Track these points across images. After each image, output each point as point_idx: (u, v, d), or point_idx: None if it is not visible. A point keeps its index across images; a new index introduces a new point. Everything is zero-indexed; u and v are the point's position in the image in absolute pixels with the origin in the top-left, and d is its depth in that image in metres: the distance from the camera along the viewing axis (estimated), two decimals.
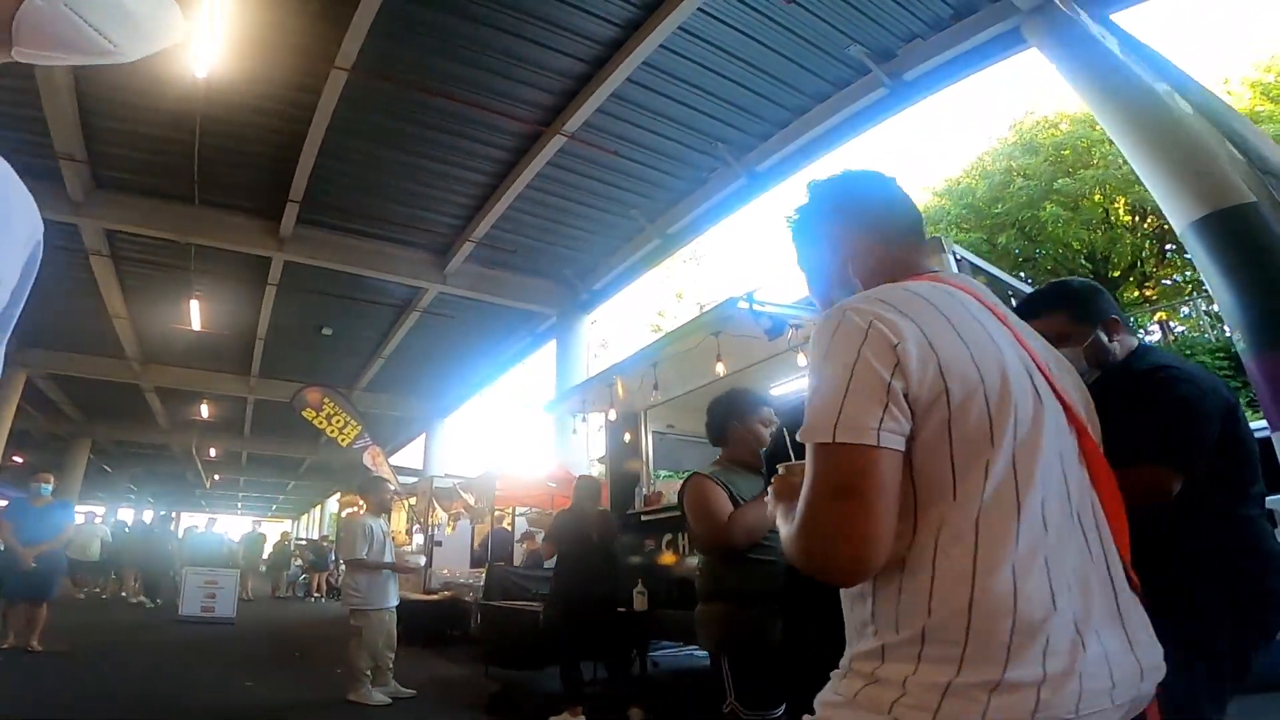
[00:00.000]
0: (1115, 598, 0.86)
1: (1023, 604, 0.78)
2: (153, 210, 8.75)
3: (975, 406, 0.83)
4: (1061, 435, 0.89)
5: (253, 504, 40.20)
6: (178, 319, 11.95)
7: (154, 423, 19.19)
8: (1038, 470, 0.84)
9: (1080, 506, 0.88)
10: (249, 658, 7.14)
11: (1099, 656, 0.79)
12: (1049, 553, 0.81)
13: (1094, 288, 1.89)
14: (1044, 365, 0.93)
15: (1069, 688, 0.76)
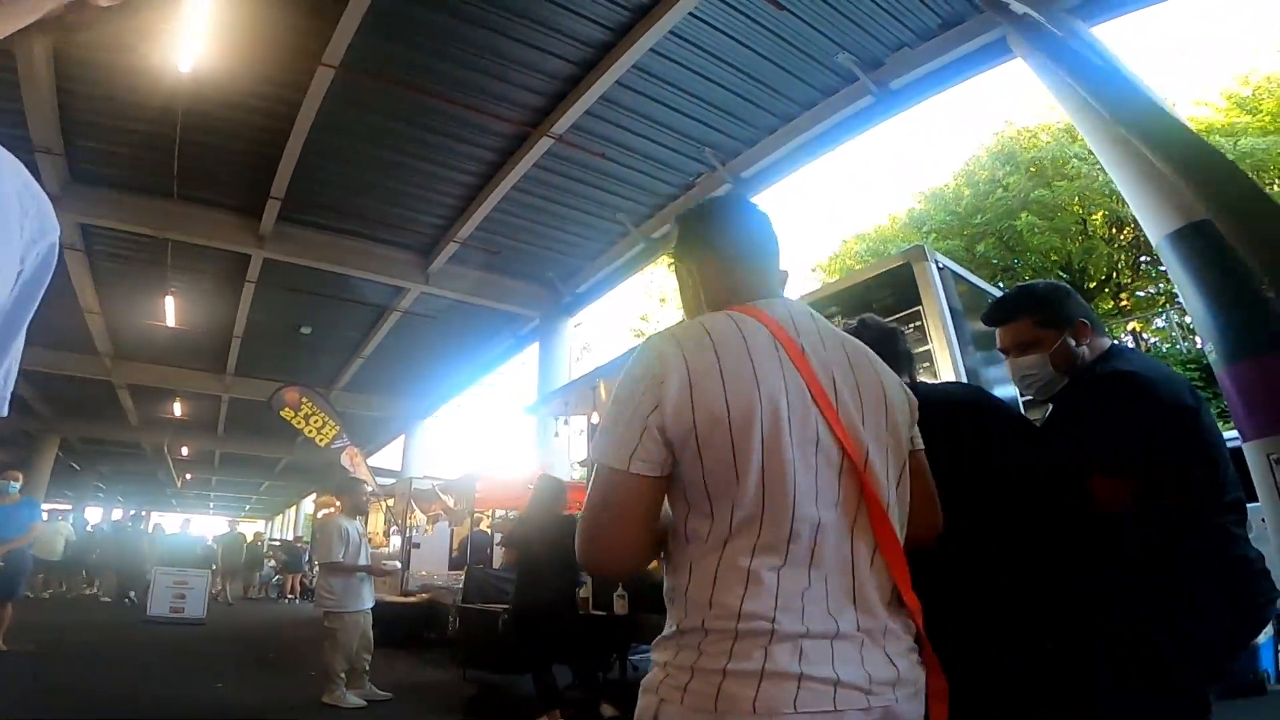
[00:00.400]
0: (866, 617, 0.94)
1: (747, 612, 0.90)
2: (130, 205, 8.59)
3: (720, 441, 0.95)
4: (825, 470, 0.97)
5: (225, 504, 39.55)
6: (152, 315, 11.74)
7: (125, 420, 18.81)
8: (786, 502, 0.94)
9: (840, 537, 0.96)
10: (219, 659, 7.03)
11: (828, 666, 0.88)
12: (787, 574, 0.92)
13: (1060, 289, 1.84)
14: (831, 401, 1.00)
15: (787, 686, 0.86)
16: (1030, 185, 15.35)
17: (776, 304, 1.11)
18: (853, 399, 1.02)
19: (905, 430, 1.09)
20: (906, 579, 0.98)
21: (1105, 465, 1.50)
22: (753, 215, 1.24)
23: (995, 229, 15.58)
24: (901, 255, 4.65)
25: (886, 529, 0.98)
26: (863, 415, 1.02)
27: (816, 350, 1.05)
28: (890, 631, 0.95)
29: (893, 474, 1.04)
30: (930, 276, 4.32)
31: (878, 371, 1.10)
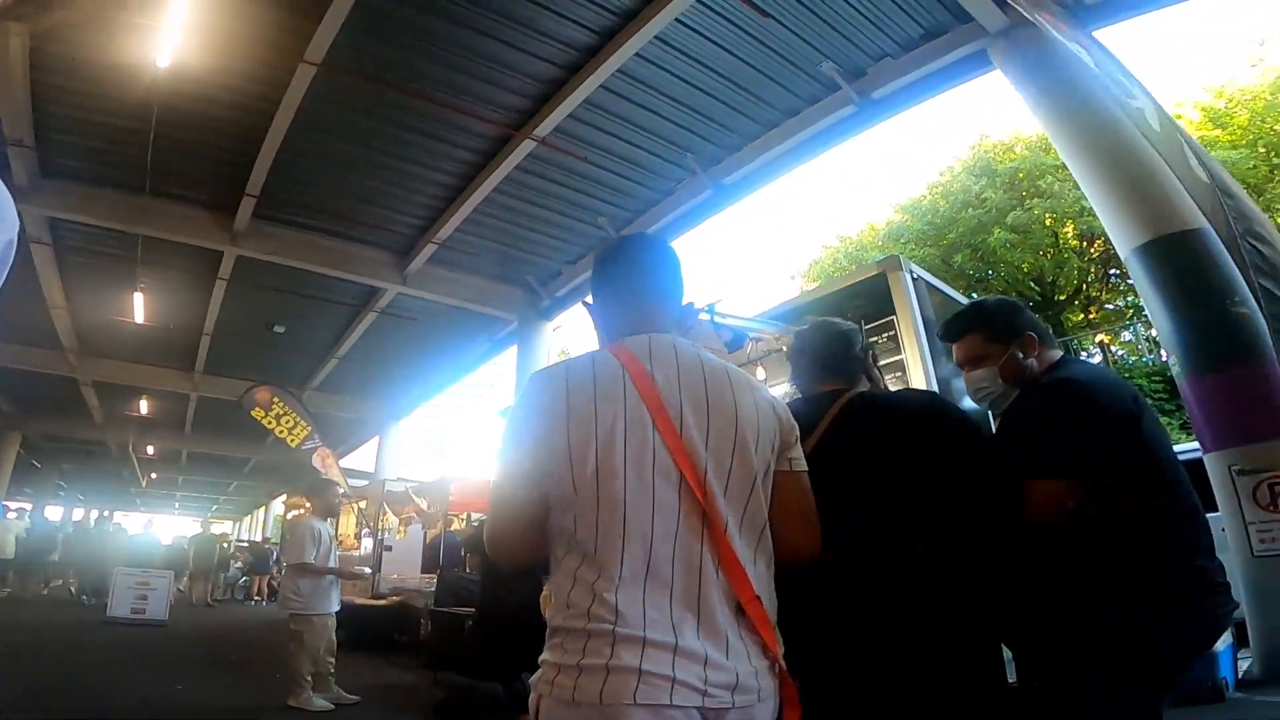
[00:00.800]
0: (707, 625, 1.03)
1: (594, 614, 1.03)
2: (101, 199, 8.39)
3: (562, 468, 1.09)
4: (664, 489, 1.08)
5: (191, 504, 38.72)
6: (120, 311, 11.48)
7: (89, 418, 18.36)
8: (618, 519, 1.06)
9: (681, 550, 1.06)
10: (181, 661, 6.88)
11: (667, 666, 0.99)
12: (626, 584, 1.04)
13: (1010, 305, 1.90)
14: (674, 425, 1.10)
15: (629, 680, 0.98)
16: (1005, 199, 15.61)
17: (643, 339, 1.22)
18: (698, 423, 1.12)
19: (766, 451, 1.17)
20: (748, 592, 1.06)
21: (1042, 468, 1.52)
22: (645, 257, 1.34)
23: (970, 241, 15.84)
24: (877, 265, 4.71)
25: (725, 545, 1.07)
26: (707, 439, 1.12)
27: (669, 379, 1.15)
28: (730, 640, 1.04)
29: (739, 493, 1.12)
30: (905, 286, 4.38)
31: (735, 397, 1.17)
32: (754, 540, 1.12)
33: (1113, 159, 5.00)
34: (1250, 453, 4.21)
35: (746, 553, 1.10)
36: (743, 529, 1.11)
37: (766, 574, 1.14)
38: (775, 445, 1.19)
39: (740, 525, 1.11)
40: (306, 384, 15.24)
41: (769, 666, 1.07)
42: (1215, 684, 3.76)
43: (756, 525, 1.14)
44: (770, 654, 1.07)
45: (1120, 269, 15.35)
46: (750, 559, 1.10)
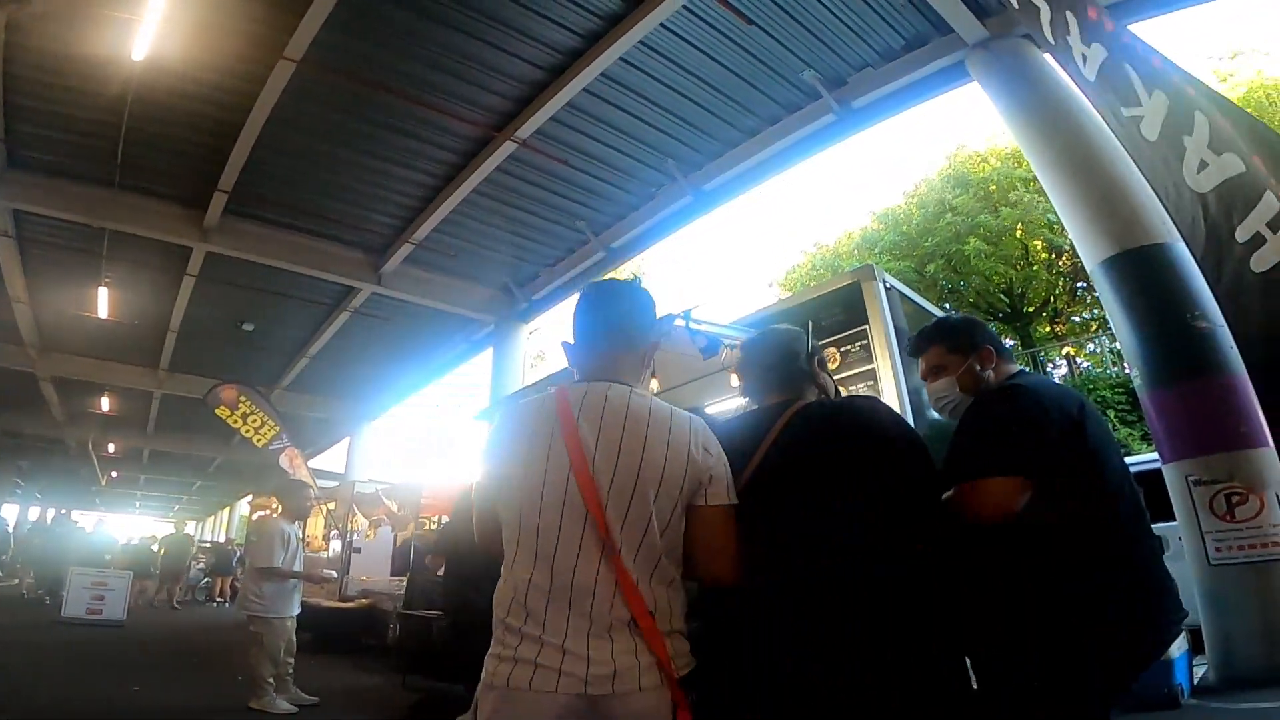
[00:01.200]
0: (599, 634, 1.25)
1: (511, 617, 1.30)
2: (67, 192, 8.18)
3: (504, 492, 1.39)
4: (570, 521, 1.30)
5: (153, 504, 37.75)
6: (84, 306, 11.17)
7: (48, 414, 17.84)
8: (532, 543, 1.31)
9: (582, 572, 1.27)
10: (139, 662, 6.72)
11: (556, 661, 1.23)
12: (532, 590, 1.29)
13: (971, 321, 2.02)
14: (587, 465, 1.31)
15: (526, 670, 1.24)
16: (979, 208, 15.88)
17: (581, 388, 1.43)
18: (606, 466, 1.32)
19: (673, 490, 1.33)
20: (640, 608, 1.26)
21: (987, 467, 1.55)
22: (600, 309, 1.55)
23: (944, 251, 16.09)
24: (851, 274, 4.76)
25: (621, 570, 1.27)
26: (612, 480, 1.31)
27: (592, 423, 1.36)
28: (617, 643, 1.25)
29: (636, 526, 1.30)
30: (878, 296, 4.43)
31: (646, 444, 1.34)
32: (650, 566, 1.31)
33: (1083, 172, 5.13)
34: (1207, 463, 4.34)
35: (643, 576, 1.29)
36: (638, 557, 1.30)
37: (666, 593, 1.32)
38: (683, 485, 1.34)
39: (636, 554, 1.30)
40: (276, 383, 14.97)
41: (657, 668, 1.25)
42: (1171, 691, 3.84)
43: (653, 554, 1.31)
44: (659, 659, 1.26)
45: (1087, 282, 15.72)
46: (647, 581, 1.29)
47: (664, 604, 1.31)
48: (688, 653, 1.34)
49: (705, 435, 1.41)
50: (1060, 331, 17.23)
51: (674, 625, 1.32)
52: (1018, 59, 5.66)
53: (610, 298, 1.56)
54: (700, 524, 1.37)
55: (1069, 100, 5.36)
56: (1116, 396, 11.92)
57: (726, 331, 5.08)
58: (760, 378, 1.80)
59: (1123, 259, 4.83)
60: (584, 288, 1.59)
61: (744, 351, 1.87)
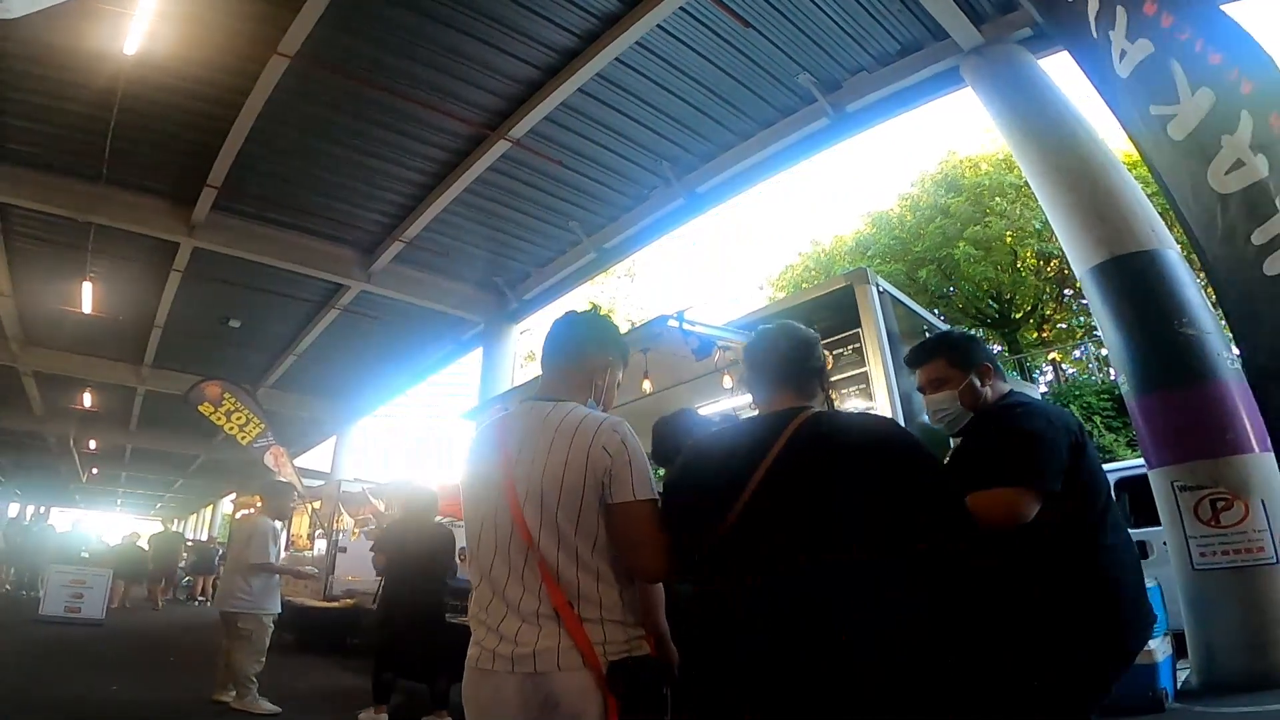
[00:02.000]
0: (528, 621, 1.42)
1: (475, 614, 1.53)
2: (53, 186, 8.08)
3: (464, 499, 1.65)
4: (504, 521, 1.50)
5: (135, 501, 37.30)
6: (67, 301, 11.01)
7: (28, 409, 17.57)
8: (479, 544, 1.55)
9: (512, 568, 1.47)
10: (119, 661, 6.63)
11: (493, 643, 1.44)
12: (485, 584, 1.51)
13: (970, 337, 2.10)
14: (510, 471, 1.51)
15: (481, 653, 1.46)
16: (970, 212, 15.98)
17: (523, 404, 1.65)
18: (523, 470, 1.50)
19: (574, 493, 1.46)
20: (559, 599, 1.41)
21: (1013, 479, 1.66)
22: (557, 334, 1.74)
23: (935, 256, 16.20)
24: (844, 277, 4.79)
25: (542, 565, 1.44)
26: (527, 483, 1.48)
27: (516, 436, 1.56)
28: (543, 629, 1.41)
29: (551, 525, 1.45)
30: (871, 300, 4.46)
31: (548, 453, 1.49)
32: (572, 560, 1.44)
33: (1075, 179, 5.17)
34: (1192, 469, 4.38)
35: (566, 569, 1.44)
36: (559, 551, 1.44)
37: (594, 584, 1.44)
38: (584, 485, 1.46)
39: (557, 549, 1.44)
40: (262, 381, 14.84)
41: (577, 650, 1.38)
42: (1155, 694, 3.87)
43: (571, 548, 1.45)
44: (576, 643, 1.39)
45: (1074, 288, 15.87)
46: (572, 573, 1.43)
47: (591, 593, 1.44)
48: (626, 640, 1.44)
49: (608, 436, 1.49)
50: (1047, 338, 17.38)
51: (607, 614, 1.43)
52: (1011, 65, 5.71)
53: (565, 326, 1.76)
54: (612, 521, 1.48)
55: (1062, 107, 5.42)
56: (1102, 403, 12.04)
57: (719, 333, 5.09)
58: (767, 378, 1.67)
59: (1112, 265, 4.87)
60: (554, 319, 1.79)
61: (751, 347, 1.75)
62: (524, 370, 13.93)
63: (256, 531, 5.33)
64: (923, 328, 5.18)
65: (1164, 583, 4.43)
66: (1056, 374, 16.75)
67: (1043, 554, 1.67)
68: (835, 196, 52.68)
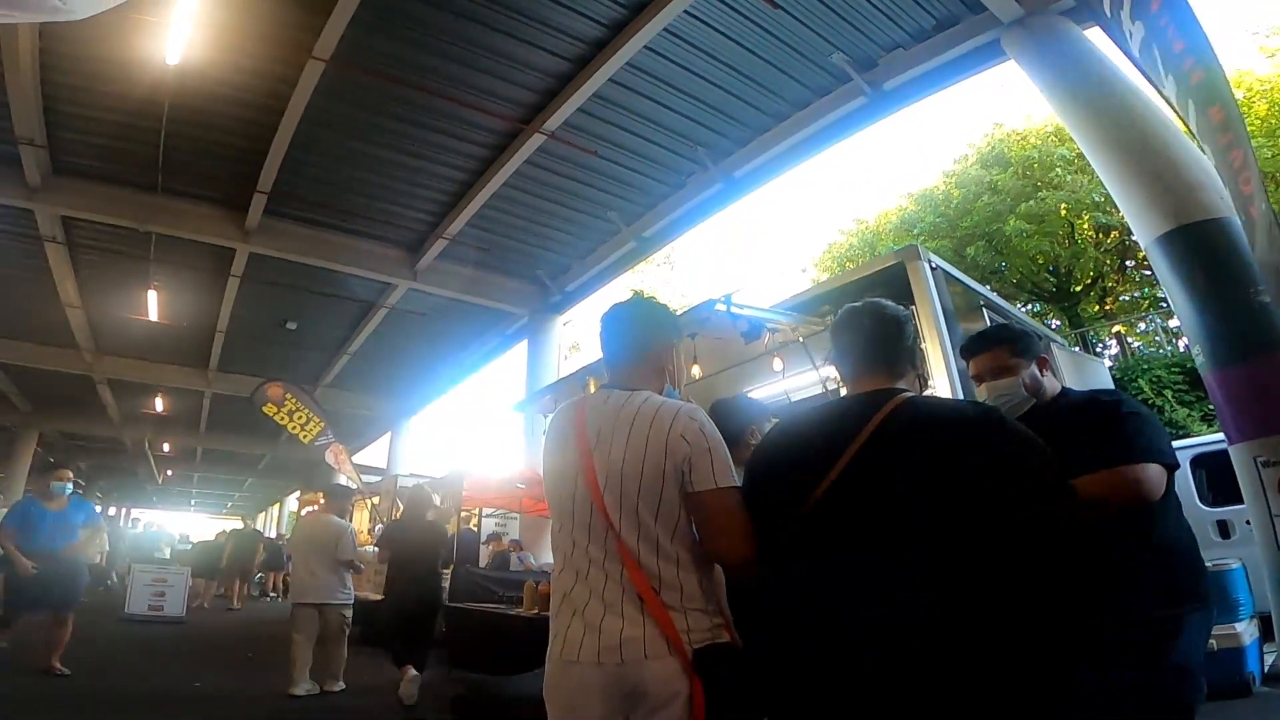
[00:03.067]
0: (609, 606, 1.44)
1: (552, 596, 1.57)
2: (112, 197, 8.45)
3: (545, 486, 1.67)
4: (583, 507, 1.51)
5: (207, 501, 39.13)
6: (134, 309, 11.54)
7: (105, 416, 18.54)
8: (560, 531, 1.57)
9: (595, 552, 1.48)
10: (202, 656, 6.94)
11: (579, 632, 1.44)
12: (565, 573, 1.53)
13: (1027, 331, 2.14)
14: (590, 457, 1.52)
15: (557, 644, 1.48)
16: (1019, 187, 15.41)
17: (599, 391, 1.69)
18: (603, 457, 1.51)
19: (655, 481, 1.47)
20: (644, 585, 1.42)
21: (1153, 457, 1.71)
22: (604, 330, 1.76)
23: (984, 231, 15.67)
24: (895, 254, 4.65)
25: (627, 554, 1.44)
26: (607, 470, 1.49)
27: (594, 425, 1.57)
28: (627, 615, 1.42)
29: (631, 511, 1.46)
30: (924, 276, 4.32)
31: (630, 437, 1.51)
32: (653, 547, 1.45)
33: (1133, 148, 4.90)
34: (1276, 444, 4.12)
35: (647, 555, 1.44)
36: (640, 538, 1.45)
37: (675, 571, 1.45)
38: (664, 473, 1.47)
39: (637, 535, 1.45)
40: (319, 380, 15.32)
41: (663, 638, 1.39)
42: (1242, 678, 3.73)
43: (652, 535, 1.46)
44: (663, 631, 1.40)
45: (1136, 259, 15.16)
46: (652, 560, 1.44)
47: (672, 580, 1.45)
48: (709, 627, 1.45)
49: (686, 425, 1.50)
50: (1111, 310, 16.65)
51: (688, 602, 1.44)
52: (1056, 36, 5.43)
53: (621, 319, 1.76)
54: (695, 509, 1.49)
55: (1114, 76, 5.13)
56: (1173, 376, 11.48)
57: (769, 315, 5.02)
58: (855, 356, 1.59)
59: (1180, 234, 4.60)
60: (602, 314, 1.79)
61: (837, 325, 1.66)
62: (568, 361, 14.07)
63: (346, 531, 5.70)
64: (979, 303, 5.00)
65: (1249, 563, 4.22)
66: (1123, 347, 16.03)
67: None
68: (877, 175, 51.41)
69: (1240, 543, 4.75)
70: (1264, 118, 14.08)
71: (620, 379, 1.69)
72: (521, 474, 9.35)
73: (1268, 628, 4.29)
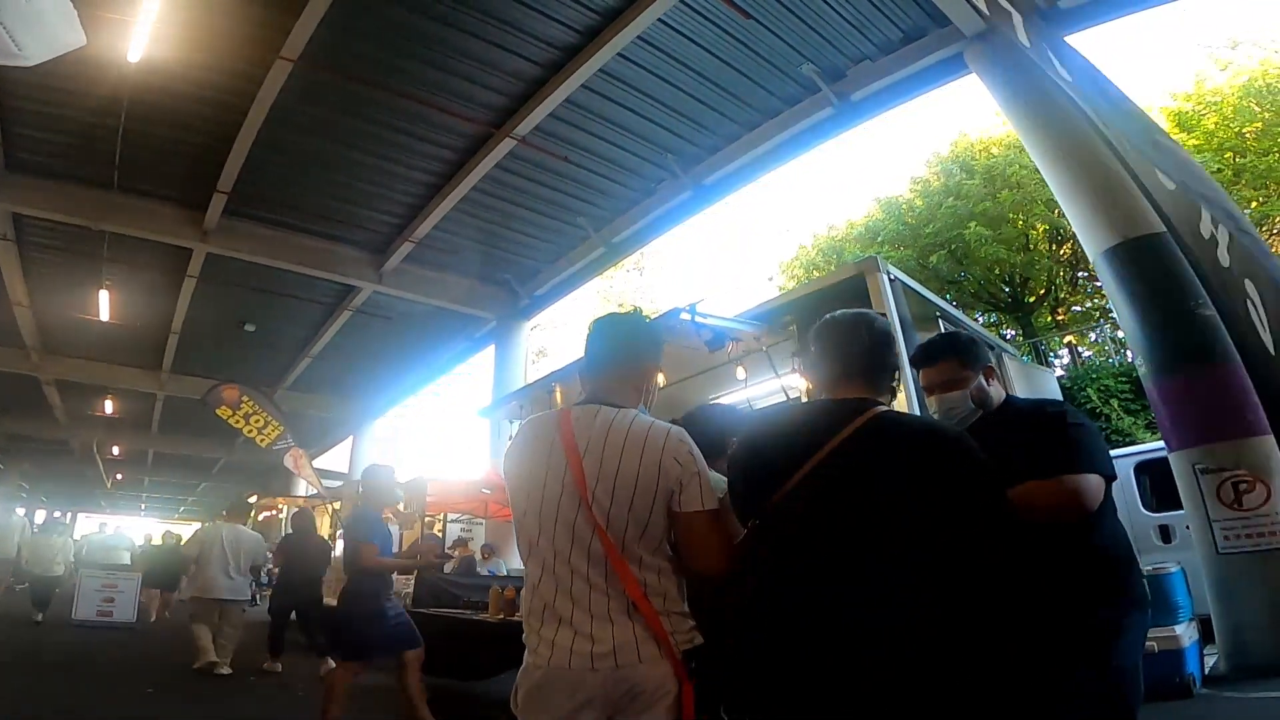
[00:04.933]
0: (598, 613, 1.45)
1: (526, 605, 1.55)
2: (66, 194, 8.19)
3: (510, 496, 1.65)
4: (569, 512, 1.50)
5: (158, 505, 37.90)
6: (85, 309, 11.18)
7: (52, 417, 17.87)
8: (539, 540, 1.53)
9: (578, 561, 1.48)
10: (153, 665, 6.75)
11: (567, 640, 1.44)
12: (545, 580, 1.51)
13: (975, 340, 2.15)
14: (580, 468, 1.51)
15: (544, 650, 1.46)
16: (981, 192, 15.76)
17: (580, 407, 1.65)
18: (593, 466, 1.51)
19: (646, 497, 1.49)
20: (636, 592, 1.45)
21: (1091, 468, 1.76)
22: (592, 343, 1.73)
23: (945, 239, 16.00)
24: (855, 265, 4.77)
25: (616, 558, 1.46)
26: (598, 479, 1.49)
27: (583, 434, 1.55)
28: (618, 624, 1.43)
29: (619, 521, 1.48)
30: (882, 288, 4.43)
31: (623, 454, 1.51)
32: (637, 556, 1.48)
33: (1082, 163, 5.10)
34: (1213, 451, 4.33)
35: (634, 562, 1.48)
36: (625, 545, 1.47)
37: (658, 578, 1.49)
38: (656, 492, 1.50)
39: (623, 542, 1.47)
40: (279, 383, 14.99)
41: (655, 643, 1.43)
42: (1182, 680, 3.84)
43: (636, 546, 1.49)
44: (656, 634, 1.43)
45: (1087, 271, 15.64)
46: (637, 567, 1.47)
47: (656, 586, 1.49)
48: (688, 629, 1.49)
49: (678, 447, 1.54)
50: (1063, 320, 17.17)
51: (669, 606, 1.49)
52: (1015, 51, 5.59)
53: (616, 332, 1.75)
54: (680, 528, 1.53)
55: (1064, 93, 5.32)
56: (1120, 385, 11.87)
57: (732, 325, 5.08)
58: (840, 363, 1.58)
59: (1125, 248, 4.81)
60: (595, 320, 1.78)
61: (828, 329, 1.65)
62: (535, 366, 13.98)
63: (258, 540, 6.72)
64: (935, 314, 5.14)
65: (1188, 567, 4.39)
66: (1073, 357, 16.55)
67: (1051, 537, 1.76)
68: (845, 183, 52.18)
69: (1180, 547, 4.94)
70: (1211, 131, 14.64)
71: (600, 391, 1.67)
72: (487, 479, 9.27)
73: (1208, 630, 4.47)
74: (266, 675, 6.33)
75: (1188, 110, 15.31)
